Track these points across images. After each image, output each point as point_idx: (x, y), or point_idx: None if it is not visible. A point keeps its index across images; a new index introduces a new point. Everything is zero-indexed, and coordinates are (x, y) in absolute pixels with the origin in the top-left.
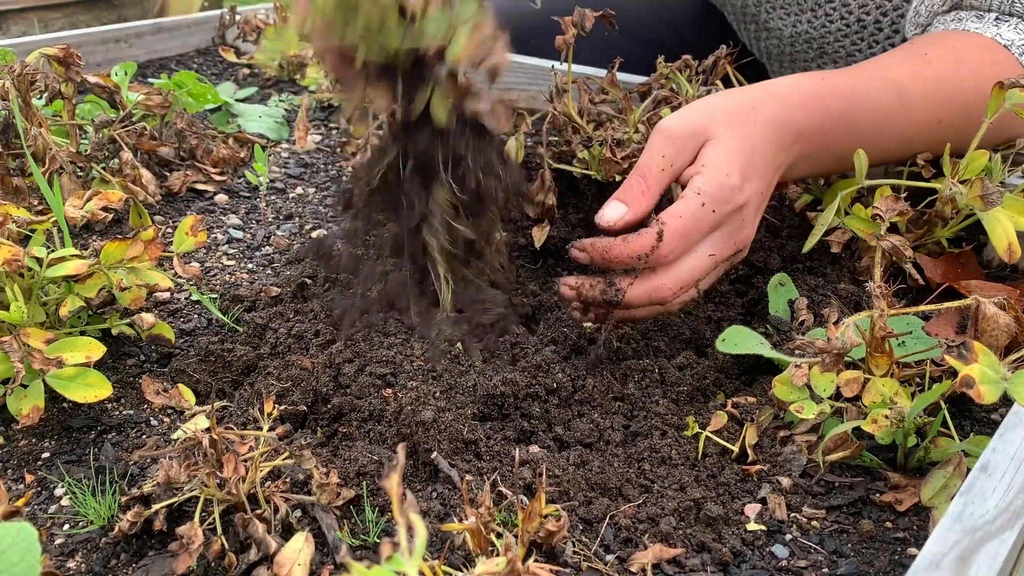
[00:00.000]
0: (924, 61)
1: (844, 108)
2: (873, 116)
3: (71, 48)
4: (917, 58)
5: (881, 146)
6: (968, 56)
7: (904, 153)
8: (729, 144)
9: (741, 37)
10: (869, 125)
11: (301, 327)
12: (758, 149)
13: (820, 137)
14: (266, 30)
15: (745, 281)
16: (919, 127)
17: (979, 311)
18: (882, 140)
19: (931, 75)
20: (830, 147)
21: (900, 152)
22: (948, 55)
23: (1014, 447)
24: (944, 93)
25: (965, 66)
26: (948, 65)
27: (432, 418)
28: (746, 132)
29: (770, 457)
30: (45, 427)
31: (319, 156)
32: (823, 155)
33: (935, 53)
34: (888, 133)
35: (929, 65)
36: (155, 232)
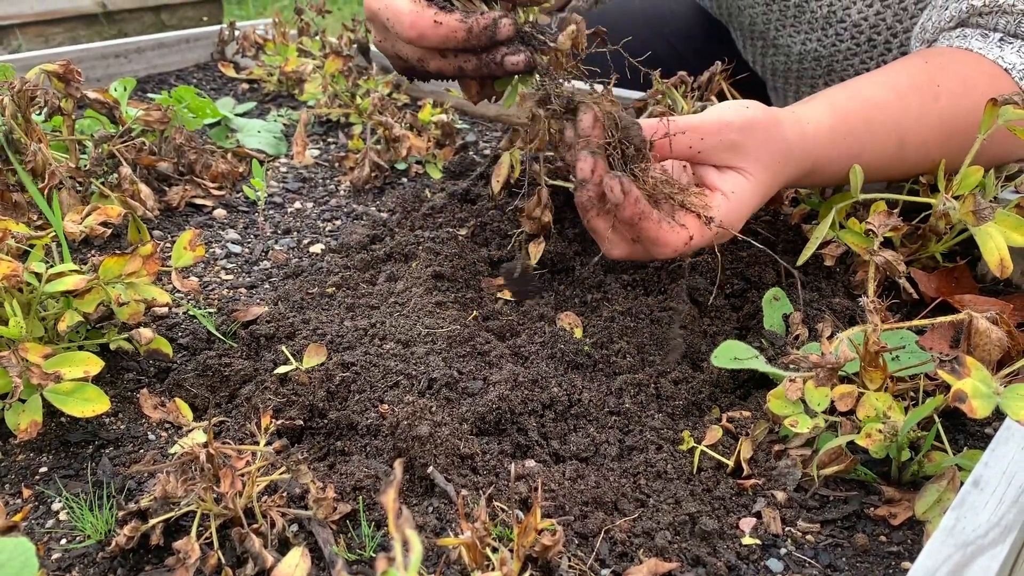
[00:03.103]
0: (933, 97)
1: (849, 155)
2: (870, 160)
3: (71, 64)
4: (928, 92)
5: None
6: (974, 86)
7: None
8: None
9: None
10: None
11: (300, 341)
12: (776, 186)
13: (825, 169)
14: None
15: (740, 295)
16: (912, 166)
17: (972, 326)
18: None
19: (936, 115)
20: (828, 177)
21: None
22: (956, 86)
23: (1006, 462)
24: (944, 133)
25: (969, 99)
26: (954, 100)
27: (428, 433)
28: (773, 171)
29: (765, 471)
30: (43, 441)
31: (317, 171)
32: (817, 181)
33: (945, 86)
34: (880, 172)
35: (937, 102)
36: (153, 247)
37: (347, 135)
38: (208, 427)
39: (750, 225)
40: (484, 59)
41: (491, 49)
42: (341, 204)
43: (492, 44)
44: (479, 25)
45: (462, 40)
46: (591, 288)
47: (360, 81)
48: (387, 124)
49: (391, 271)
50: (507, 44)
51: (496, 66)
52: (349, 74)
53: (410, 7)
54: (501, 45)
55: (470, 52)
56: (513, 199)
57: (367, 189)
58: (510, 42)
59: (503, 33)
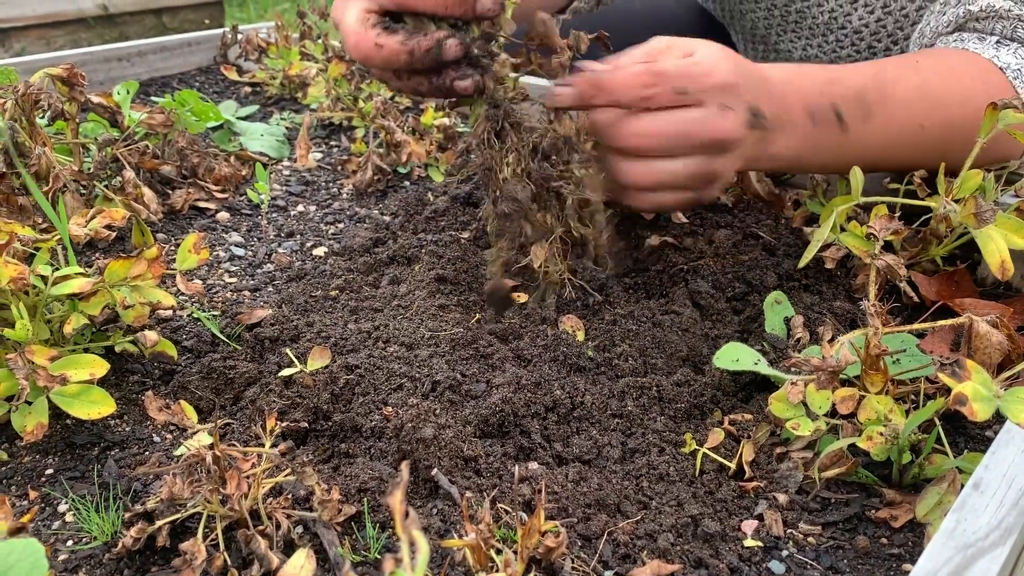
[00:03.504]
0: (914, 68)
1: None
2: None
3: (75, 68)
4: (908, 64)
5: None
6: (961, 72)
7: (887, 155)
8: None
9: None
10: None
11: (304, 343)
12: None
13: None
14: (268, 49)
15: (742, 299)
16: (900, 127)
17: (972, 329)
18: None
19: (917, 82)
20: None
21: (883, 153)
22: (940, 67)
23: (1006, 464)
24: (927, 100)
25: (955, 80)
26: (937, 76)
27: (432, 435)
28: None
29: (767, 474)
30: (49, 443)
31: (320, 174)
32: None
33: (927, 63)
34: (868, 126)
35: (918, 73)
36: (158, 250)
37: (350, 138)
38: (214, 429)
39: (751, 228)
40: (435, 82)
41: (440, 71)
42: (344, 207)
43: (440, 66)
44: (420, 48)
45: (405, 63)
46: (593, 291)
47: (363, 85)
48: (389, 128)
49: (394, 274)
50: (456, 66)
51: (447, 90)
52: (352, 78)
53: (355, 28)
54: (449, 67)
55: (420, 74)
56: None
57: (370, 192)
58: (459, 64)
59: (449, 55)
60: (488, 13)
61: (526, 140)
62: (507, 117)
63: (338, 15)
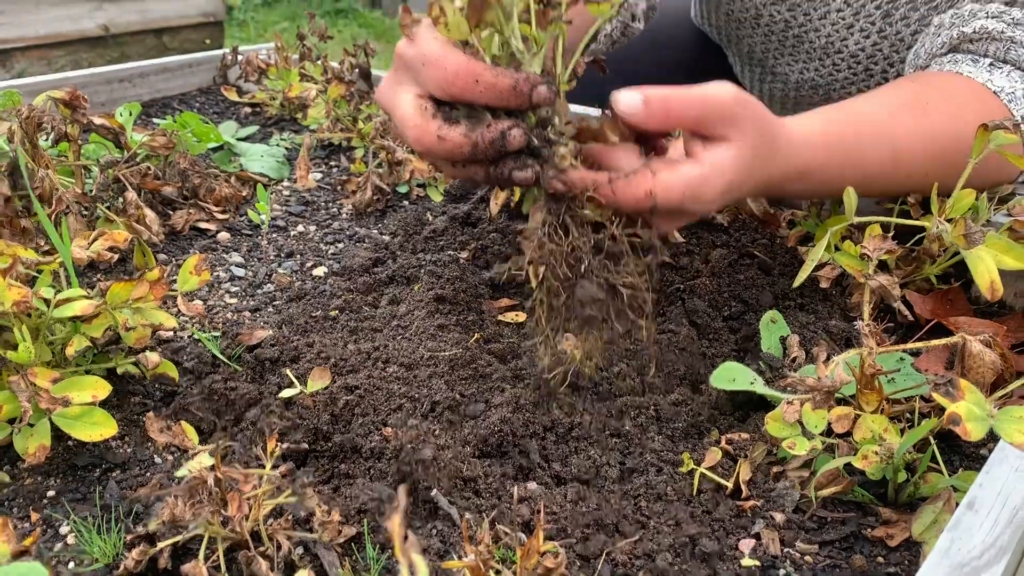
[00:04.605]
0: (924, 113)
1: (841, 160)
2: (863, 170)
3: (77, 91)
4: (918, 109)
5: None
6: (966, 108)
7: (890, 193)
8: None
9: (742, 79)
10: (858, 175)
11: (304, 364)
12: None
13: (814, 175)
14: (268, 70)
15: (738, 318)
16: (905, 179)
17: (965, 349)
18: (870, 189)
19: (927, 129)
20: (819, 185)
21: (884, 195)
22: (947, 106)
23: (1000, 483)
24: (935, 148)
25: (961, 120)
26: (945, 118)
27: (431, 456)
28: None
29: (764, 493)
30: (50, 465)
31: (320, 194)
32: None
33: (935, 105)
34: (875, 184)
35: (927, 118)
36: (160, 272)
37: (349, 159)
38: (216, 451)
39: (746, 247)
40: (492, 172)
41: (499, 161)
42: (343, 227)
43: (501, 156)
44: (484, 140)
45: (467, 155)
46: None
47: (362, 106)
48: (389, 148)
49: (393, 294)
50: (515, 157)
51: (505, 180)
52: (351, 99)
53: (414, 119)
54: (509, 158)
55: (478, 163)
56: (513, 221)
57: (369, 212)
58: (519, 154)
59: (512, 146)
60: (545, 102)
61: (588, 236)
62: (569, 211)
63: (388, 101)
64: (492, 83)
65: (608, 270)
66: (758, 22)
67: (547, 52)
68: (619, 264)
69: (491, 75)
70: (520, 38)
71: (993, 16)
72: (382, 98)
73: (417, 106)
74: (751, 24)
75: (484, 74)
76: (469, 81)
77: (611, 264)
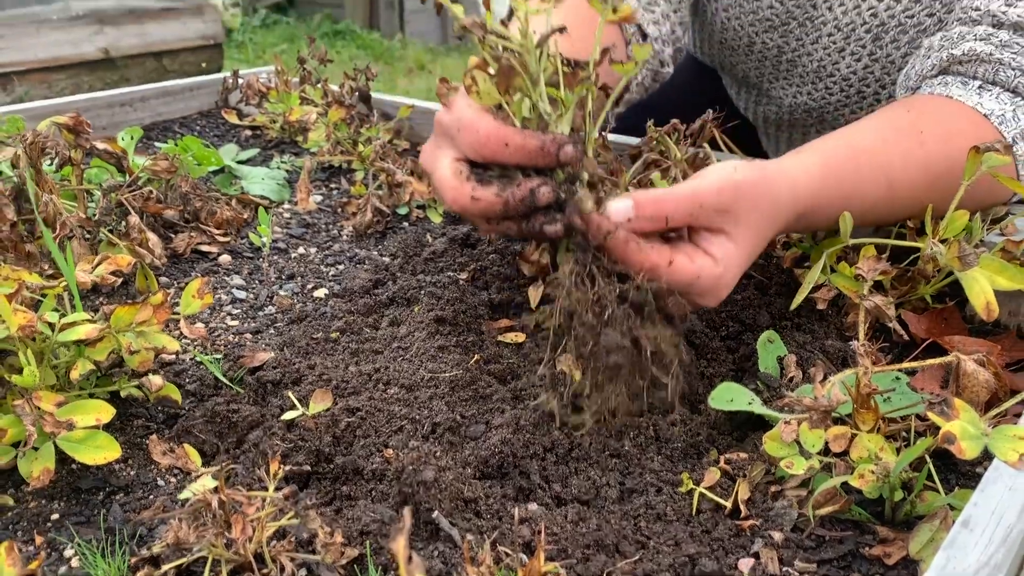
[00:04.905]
0: (918, 143)
1: (840, 197)
2: (861, 203)
3: (80, 116)
4: (913, 139)
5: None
6: (958, 134)
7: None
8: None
9: (737, 101)
10: (856, 208)
11: (306, 386)
12: (760, 246)
13: (815, 214)
14: (268, 93)
15: (735, 338)
16: (900, 208)
17: (959, 368)
18: (866, 219)
19: (922, 159)
20: (818, 222)
21: (878, 224)
22: (940, 132)
23: (995, 501)
24: (930, 177)
25: (954, 147)
26: (939, 146)
27: (433, 477)
28: (761, 232)
29: (762, 512)
30: (54, 489)
31: (320, 216)
32: (808, 226)
33: (929, 132)
34: (872, 215)
35: (922, 148)
36: (164, 296)
37: (349, 181)
38: (220, 473)
39: None
40: (524, 227)
41: (530, 217)
42: (344, 249)
43: (531, 212)
44: (515, 199)
45: (500, 212)
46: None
47: (362, 129)
48: (389, 170)
49: (394, 315)
50: (545, 212)
51: (537, 233)
52: (351, 122)
53: (451, 181)
54: (539, 212)
55: (511, 220)
56: (512, 243)
57: (369, 234)
58: (548, 209)
59: (542, 202)
60: (571, 160)
61: (614, 286)
62: (595, 261)
63: (428, 165)
64: (521, 145)
65: (631, 320)
66: (751, 49)
67: (575, 111)
68: (643, 316)
69: (520, 138)
70: (548, 101)
71: (981, 38)
72: (424, 161)
73: (453, 169)
74: (744, 51)
75: (513, 137)
76: (499, 144)
77: (635, 315)
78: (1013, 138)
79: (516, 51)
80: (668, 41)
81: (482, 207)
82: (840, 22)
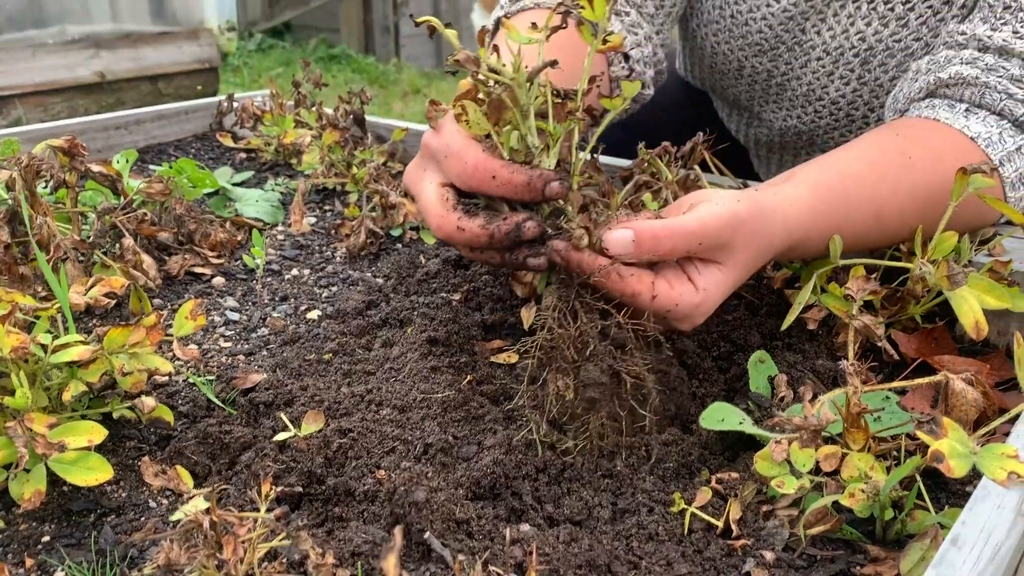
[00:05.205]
0: (907, 169)
1: (830, 228)
2: (850, 232)
3: (76, 139)
4: (902, 166)
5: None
6: (946, 159)
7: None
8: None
9: (728, 123)
10: (846, 237)
11: (298, 407)
12: (746, 277)
13: (806, 244)
14: (263, 116)
15: (727, 358)
16: (890, 235)
17: (948, 387)
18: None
19: (910, 186)
20: (807, 252)
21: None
22: (928, 157)
23: (983, 519)
24: (919, 203)
25: (941, 173)
26: (926, 173)
27: (424, 498)
28: (749, 266)
29: (754, 531)
30: (45, 510)
31: (314, 238)
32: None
33: (917, 158)
34: (860, 242)
35: (910, 175)
36: (157, 318)
37: (343, 203)
38: (211, 494)
39: None
40: (508, 258)
41: (514, 249)
42: (337, 270)
43: (516, 245)
44: (500, 232)
45: (485, 244)
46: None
47: (357, 151)
48: (383, 192)
49: (387, 337)
50: (530, 244)
51: (520, 264)
52: (346, 144)
53: (436, 208)
54: (524, 245)
55: (495, 250)
56: None
57: (363, 255)
58: (533, 242)
59: (527, 237)
60: (557, 196)
61: (595, 322)
62: (578, 297)
63: (413, 186)
64: (508, 179)
65: (613, 356)
66: (741, 73)
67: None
68: (624, 352)
69: (507, 172)
70: (536, 134)
71: (967, 62)
72: (409, 182)
73: (439, 196)
74: (734, 75)
75: (500, 171)
76: (486, 177)
77: (616, 351)
78: (999, 160)
79: (507, 84)
80: (650, 63)
81: (467, 237)
82: (829, 46)
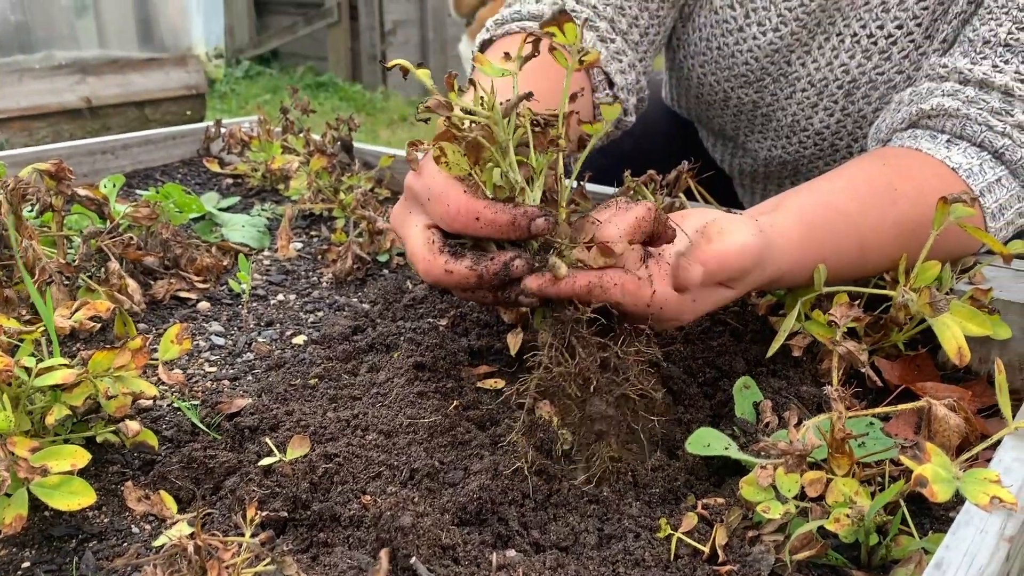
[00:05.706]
0: (891, 200)
1: (815, 261)
2: (835, 264)
3: (63, 163)
4: (886, 196)
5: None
6: (928, 191)
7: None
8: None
9: (712, 152)
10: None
11: (284, 432)
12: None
13: (790, 275)
14: (251, 142)
15: (712, 384)
16: (873, 267)
17: (931, 413)
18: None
19: (894, 219)
20: (791, 283)
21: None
22: (911, 188)
23: (966, 543)
24: (903, 235)
25: (924, 204)
26: (909, 205)
27: (410, 523)
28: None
29: (740, 557)
30: (26, 536)
31: (300, 263)
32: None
33: (901, 191)
34: (843, 274)
35: (895, 206)
36: (142, 341)
37: (330, 228)
38: (196, 519)
39: (719, 315)
40: (500, 296)
41: (505, 288)
42: (323, 296)
43: (507, 283)
44: (489, 272)
45: (475, 285)
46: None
47: (344, 177)
48: (370, 217)
49: (373, 362)
50: (520, 282)
51: (512, 302)
52: (333, 170)
53: (423, 253)
54: (515, 283)
55: (486, 290)
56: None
57: (349, 281)
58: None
59: (516, 275)
60: (543, 232)
61: (595, 356)
62: (573, 332)
63: (399, 229)
64: (492, 220)
65: (616, 383)
66: (727, 104)
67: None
68: (627, 375)
69: (490, 212)
70: (517, 169)
71: (948, 94)
72: (395, 225)
73: (425, 239)
74: (720, 106)
75: (484, 212)
76: (470, 219)
77: (617, 377)
78: (980, 191)
79: (483, 123)
80: (633, 91)
81: (455, 280)
82: (813, 78)
